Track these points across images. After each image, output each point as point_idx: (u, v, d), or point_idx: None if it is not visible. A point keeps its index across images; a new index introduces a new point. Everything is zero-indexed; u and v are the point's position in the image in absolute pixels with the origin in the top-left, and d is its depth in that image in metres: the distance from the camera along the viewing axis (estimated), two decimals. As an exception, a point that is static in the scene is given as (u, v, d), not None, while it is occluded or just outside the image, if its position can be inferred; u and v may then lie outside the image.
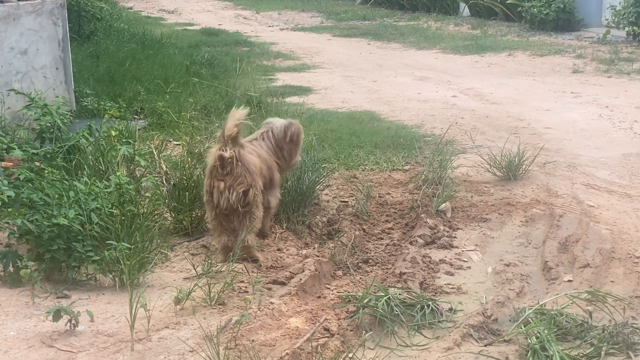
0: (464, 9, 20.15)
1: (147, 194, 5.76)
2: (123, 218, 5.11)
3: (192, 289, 4.61)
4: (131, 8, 23.04)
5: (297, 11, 22.92)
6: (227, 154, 5.24)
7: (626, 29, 15.00)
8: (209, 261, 5.09)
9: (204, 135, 7.41)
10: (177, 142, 7.62)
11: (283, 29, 19.33)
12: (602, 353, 4.11)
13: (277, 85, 11.55)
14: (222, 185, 5.27)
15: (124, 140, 6.55)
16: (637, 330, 4.31)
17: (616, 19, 15.33)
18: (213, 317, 4.45)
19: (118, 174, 5.36)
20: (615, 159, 7.53)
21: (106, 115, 6.98)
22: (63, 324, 4.21)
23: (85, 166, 6.16)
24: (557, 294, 4.73)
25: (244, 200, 5.31)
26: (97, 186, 5.24)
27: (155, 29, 16.42)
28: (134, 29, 15.43)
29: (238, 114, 5.28)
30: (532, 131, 8.65)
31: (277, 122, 5.92)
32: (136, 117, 8.88)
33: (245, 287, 4.90)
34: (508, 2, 18.14)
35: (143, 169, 6.45)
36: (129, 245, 4.81)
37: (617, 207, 6.28)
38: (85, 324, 4.28)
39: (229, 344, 4.06)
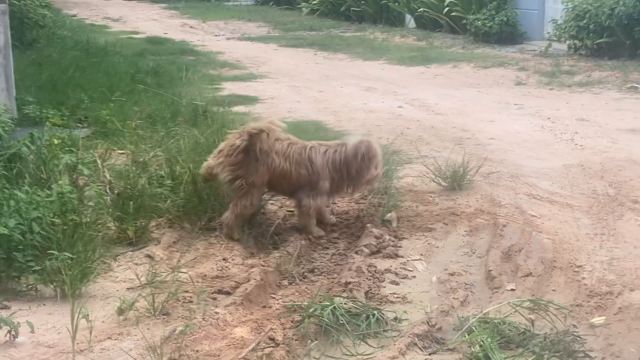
0: (410, 21, 20.34)
1: (90, 203, 5.69)
2: (65, 227, 5.03)
3: (136, 299, 4.56)
4: (75, 16, 22.78)
5: (244, 21, 22.90)
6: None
7: (567, 42, 15.29)
8: (153, 271, 5.04)
9: (148, 144, 7.34)
10: (122, 151, 7.54)
11: (230, 39, 19.29)
12: (544, 361, 4.17)
13: (223, 94, 11.51)
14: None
15: (67, 148, 6.46)
16: (578, 339, 4.37)
17: (558, 33, 15.63)
18: (157, 328, 4.40)
19: (60, 182, 5.28)
20: (557, 169, 7.65)
21: (48, 123, 6.87)
22: (2, 335, 4.13)
23: (27, 175, 6.05)
24: (500, 303, 4.78)
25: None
26: (39, 195, 5.16)
27: (100, 36, 16.26)
28: (77, 37, 15.26)
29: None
30: (476, 142, 8.75)
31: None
32: (79, 125, 8.76)
33: (190, 297, 4.86)
34: (453, 14, 18.36)
35: (86, 178, 6.36)
36: (71, 255, 4.73)
37: (559, 217, 6.37)
38: (25, 335, 4.20)
39: (172, 355, 4.03)
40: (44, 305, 4.72)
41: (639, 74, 12.89)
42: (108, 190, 6.23)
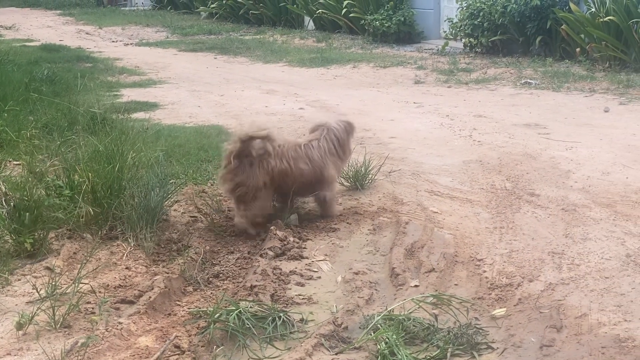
0: (309, 23, 20.44)
1: (-16, 217, 5.51)
2: (-41, 242, 4.87)
3: (35, 312, 4.45)
4: (-35, 24, 22.11)
5: (142, 26, 22.60)
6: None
7: (463, 40, 15.63)
8: (53, 283, 4.92)
9: (45, 154, 7.16)
10: (17, 162, 7.33)
11: (127, 44, 19.02)
12: (448, 354, 4.23)
13: (122, 101, 11.33)
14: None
15: (-41, 161, 6.26)
16: (481, 331, 4.47)
17: (453, 31, 15.98)
18: (58, 341, 4.30)
19: (-48, 196, 5.11)
20: (457, 166, 7.80)
21: (-62, 136, 6.64)
22: None
23: None
24: (405, 299, 4.84)
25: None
26: None
27: (-8, 45, 15.81)
28: (-33, 46, 14.81)
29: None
30: (377, 141, 8.85)
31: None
32: (-28, 136, 8.47)
33: (92, 309, 4.75)
34: (351, 15, 18.53)
35: (-20, 191, 6.16)
36: (-34, 271, 4.59)
37: (459, 212, 6.50)
38: None
39: (75, 368, 3.94)
40: (-62, 324, 4.55)
41: (532, 70, 13.27)
42: (4, 202, 6.05)
